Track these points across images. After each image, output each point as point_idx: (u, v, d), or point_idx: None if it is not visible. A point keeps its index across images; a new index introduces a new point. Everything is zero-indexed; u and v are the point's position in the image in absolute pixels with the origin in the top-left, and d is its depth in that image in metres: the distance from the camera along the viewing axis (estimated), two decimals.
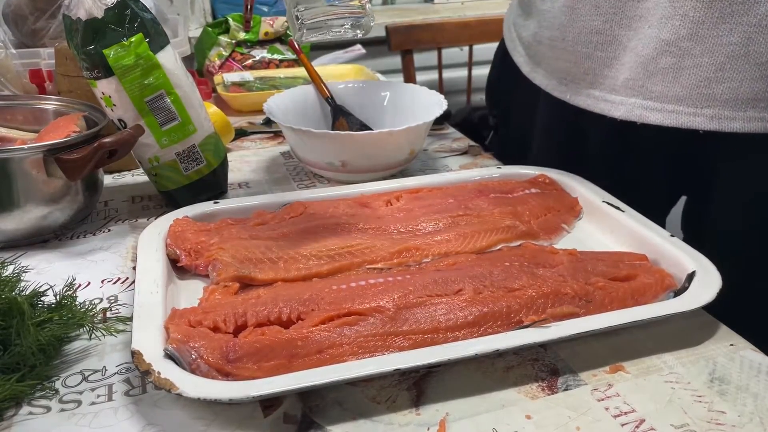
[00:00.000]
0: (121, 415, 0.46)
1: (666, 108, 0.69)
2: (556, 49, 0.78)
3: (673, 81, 0.68)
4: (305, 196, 0.72)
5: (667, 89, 0.68)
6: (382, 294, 0.53)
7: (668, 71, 0.67)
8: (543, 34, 0.80)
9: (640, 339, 0.53)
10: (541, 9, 0.80)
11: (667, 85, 0.68)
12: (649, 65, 0.68)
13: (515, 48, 0.90)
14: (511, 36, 0.92)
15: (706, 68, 0.65)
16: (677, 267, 0.58)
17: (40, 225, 0.67)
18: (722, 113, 0.66)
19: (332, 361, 0.48)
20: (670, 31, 0.66)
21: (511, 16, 0.94)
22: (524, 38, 0.86)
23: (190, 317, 0.51)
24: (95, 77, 0.68)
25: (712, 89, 0.66)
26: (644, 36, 0.68)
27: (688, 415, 0.45)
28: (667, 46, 0.67)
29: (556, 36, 0.77)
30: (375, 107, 0.94)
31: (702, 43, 0.65)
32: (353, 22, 0.67)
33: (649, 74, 0.69)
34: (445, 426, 0.45)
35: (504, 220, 0.67)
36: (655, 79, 0.69)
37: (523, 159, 0.87)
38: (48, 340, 0.49)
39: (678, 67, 0.67)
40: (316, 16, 0.65)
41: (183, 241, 0.62)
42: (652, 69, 0.68)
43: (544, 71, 0.82)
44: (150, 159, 0.72)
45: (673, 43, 0.66)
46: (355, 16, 0.67)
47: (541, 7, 0.80)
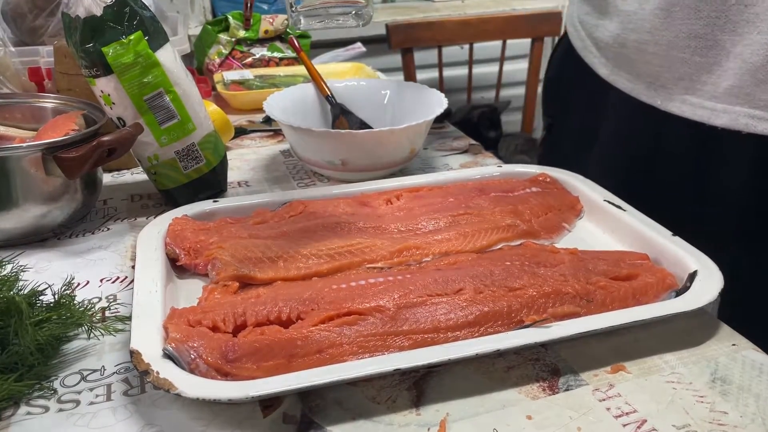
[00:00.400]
0: (120, 415, 0.46)
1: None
2: (645, 53, 0.73)
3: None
4: (305, 195, 0.72)
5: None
6: (383, 293, 0.53)
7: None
8: (628, 37, 0.75)
9: (642, 339, 0.53)
10: (624, 10, 0.75)
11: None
12: (758, 73, 0.64)
13: (586, 48, 0.85)
14: (580, 35, 0.87)
15: None
16: (679, 266, 0.58)
17: (39, 224, 0.67)
18: None
19: (332, 360, 0.47)
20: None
21: (576, 13, 0.88)
22: (600, 39, 0.81)
23: (190, 317, 0.50)
24: (94, 75, 0.68)
25: None
26: (752, 42, 0.64)
27: (689, 416, 0.45)
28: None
29: (645, 39, 0.72)
30: (375, 106, 0.93)
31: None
32: (354, 11, 0.66)
33: (757, 82, 0.65)
34: (446, 426, 0.44)
35: (505, 219, 0.67)
36: (764, 87, 0.65)
37: (581, 162, 0.82)
38: (46, 340, 0.49)
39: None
40: (312, 3, 0.64)
41: (182, 240, 0.62)
42: (761, 77, 0.64)
43: (628, 74, 0.78)
44: (149, 157, 0.72)
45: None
46: (355, 5, 0.65)
47: (623, 8, 0.75)
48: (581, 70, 0.85)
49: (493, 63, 2.10)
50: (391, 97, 0.94)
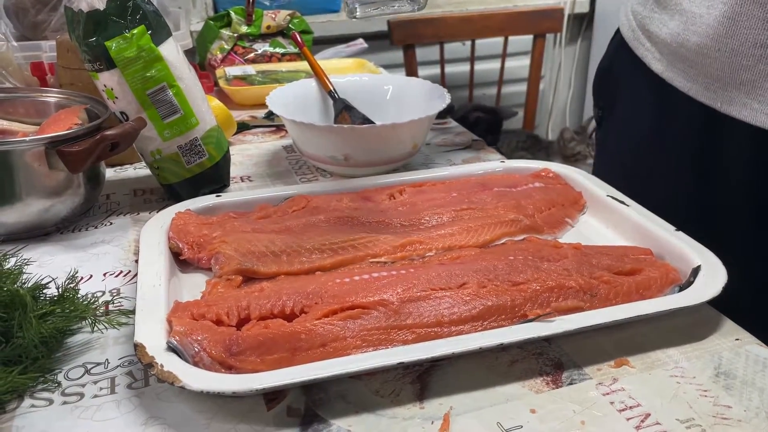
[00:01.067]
0: (124, 407, 0.46)
1: None
2: (707, 57, 0.71)
3: None
4: (308, 190, 0.72)
5: None
6: (386, 287, 0.53)
7: None
8: (689, 39, 0.72)
9: (645, 333, 0.53)
10: (688, 10, 0.72)
11: None
12: None
13: (638, 39, 0.82)
14: (631, 25, 0.83)
15: None
16: (682, 261, 0.58)
17: (42, 218, 0.67)
18: None
19: (336, 354, 0.47)
20: None
21: (630, 2, 0.85)
22: (656, 34, 0.78)
23: (193, 310, 0.50)
24: (97, 69, 0.68)
25: None
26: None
27: (693, 410, 0.45)
28: None
29: (707, 44, 0.70)
30: (378, 101, 0.93)
31: None
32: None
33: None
34: (449, 420, 0.44)
35: (508, 214, 0.67)
36: None
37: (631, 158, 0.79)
38: (50, 333, 0.49)
39: None
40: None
41: (185, 234, 0.62)
42: None
43: (686, 74, 0.75)
44: (152, 152, 0.72)
45: None
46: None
47: (689, 8, 0.72)
48: (634, 62, 0.82)
49: (494, 59, 2.10)
50: (393, 93, 0.93)
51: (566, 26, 2.36)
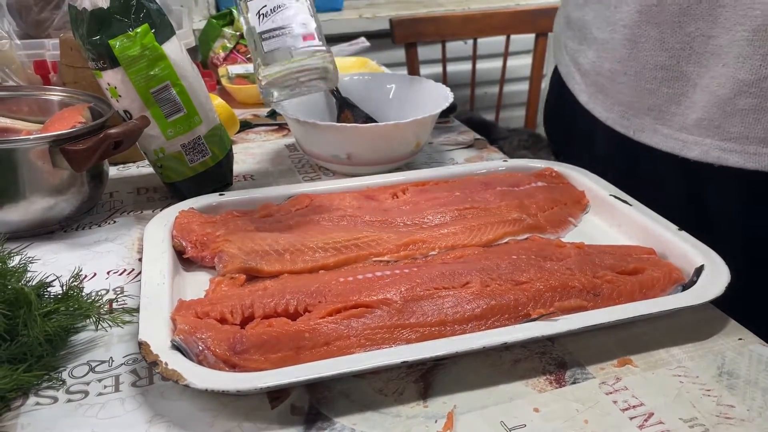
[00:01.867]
0: (128, 405, 0.46)
1: (747, 150, 0.64)
2: (617, 83, 0.73)
3: (755, 122, 0.63)
4: (311, 189, 0.72)
5: (747, 130, 0.63)
6: (390, 286, 0.53)
7: (748, 112, 0.63)
8: (603, 66, 0.75)
9: (648, 333, 0.53)
10: (599, 38, 0.74)
11: (747, 127, 0.63)
12: (725, 106, 0.64)
13: (570, 74, 0.85)
14: (565, 60, 0.86)
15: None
16: (685, 261, 0.58)
17: (46, 216, 0.67)
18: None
19: (339, 353, 0.48)
20: (749, 71, 0.61)
21: (562, 37, 0.88)
22: (581, 65, 0.81)
23: (197, 308, 0.51)
24: (101, 68, 0.68)
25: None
26: (718, 74, 0.64)
27: (696, 409, 0.45)
28: (746, 86, 0.62)
29: (616, 69, 0.72)
30: (380, 100, 0.93)
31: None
32: (321, 76, 0.68)
33: (726, 115, 0.64)
34: (453, 418, 0.45)
35: (511, 213, 0.67)
36: (733, 120, 0.64)
37: None
38: (55, 331, 0.49)
39: (759, 108, 0.62)
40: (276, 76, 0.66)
41: (189, 232, 0.62)
42: (729, 110, 0.64)
43: (604, 102, 0.77)
44: (155, 150, 0.72)
45: (753, 83, 0.62)
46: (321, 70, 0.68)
47: (598, 35, 0.74)
48: (572, 96, 0.85)
49: (496, 58, 2.09)
50: (396, 91, 0.93)
51: None
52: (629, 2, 0.69)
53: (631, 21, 0.69)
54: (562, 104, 0.90)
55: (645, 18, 0.67)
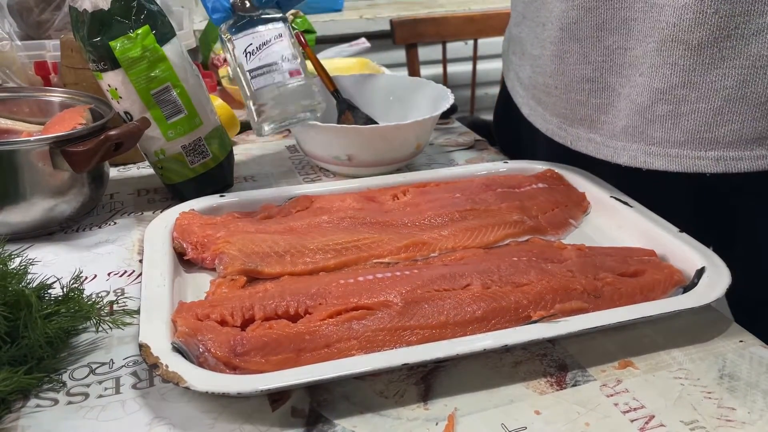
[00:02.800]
0: (129, 408, 0.46)
1: (669, 153, 0.67)
2: (551, 96, 0.76)
3: (673, 127, 0.66)
4: (311, 190, 0.72)
5: (667, 135, 0.66)
6: (390, 288, 0.53)
7: (666, 118, 0.66)
8: (538, 80, 0.78)
9: (649, 335, 0.53)
10: (532, 54, 0.78)
11: (667, 131, 0.66)
12: (645, 113, 0.67)
13: (513, 87, 0.87)
14: (510, 75, 0.89)
15: (704, 113, 0.64)
16: (686, 263, 0.58)
17: (47, 217, 0.67)
18: (727, 155, 0.64)
19: (340, 355, 0.48)
20: (662, 80, 0.64)
21: (508, 52, 0.91)
22: (522, 79, 0.84)
23: (198, 310, 0.50)
24: (101, 69, 0.68)
25: (713, 132, 0.64)
26: (637, 84, 0.66)
27: (697, 412, 0.45)
28: (661, 94, 0.65)
29: (549, 83, 0.75)
30: (381, 101, 0.93)
31: (696, 89, 0.63)
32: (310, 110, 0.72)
33: (647, 121, 0.67)
34: (454, 421, 0.44)
35: (511, 215, 0.67)
36: (654, 126, 0.67)
37: None
38: (55, 333, 0.49)
39: (675, 113, 0.65)
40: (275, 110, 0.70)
41: (189, 234, 0.62)
42: (649, 116, 0.67)
43: (543, 115, 0.80)
44: (156, 152, 0.72)
45: (667, 91, 0.64)
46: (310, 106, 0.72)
47: (532, 51, 0.78)
48: (516, 108, 0.87)
49: (497, 59, 2.09)
50: (397, 93, 0.93)
51: None
52: (553, 21, 0.71)
53: (557, 38, 0.71)
54: (508, 114, 0.93)
55: (567, 35, 0.70)
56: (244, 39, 0.69)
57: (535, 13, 0.75)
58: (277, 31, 0.70)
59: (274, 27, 0.70)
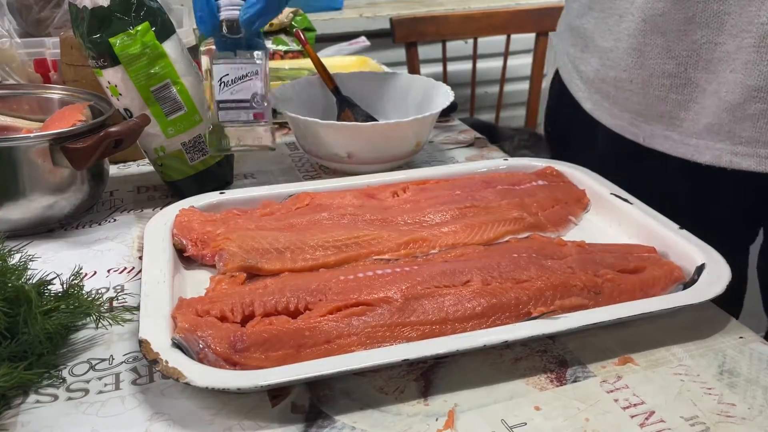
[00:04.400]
0: (129, 403, 0.46)
1: (759, 153, 0.65)
2: (624, 91, 0.73)
3: (766, 126, 0.63)
4: (312, 187, 0.72)
5: (758, 134, 0.64)
6: (390, 284, 0.53)
7: (759, 117, 0.63)
8: (607, 74, 0.75)
9: (649, 331, 0.53)
10: (602, 46, 0.74)
11: (758, 131, 0.64)
12: (736, 111, 0.64)
13: (573, 81, 0.84)
14: (567, 67, 0.86)
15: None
16: (686, 259, 0.58)
17: (46, 214, 0.67)
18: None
19: (340, 351, 0.48)
20: (758, 77, 0.62)
21: (563, 45, 0.87)
22: (584, 73, 0.81)
23: (198, 306, 0.50)
24: (101, 66, 0.68)
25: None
26: (726, 81, 0.64)
27: (697, 408, 0.45)
28: (756, 92, 0.63)
29: (622, 77, 0.72)
30: (380, 98, 0.93)
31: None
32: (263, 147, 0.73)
33: (736, 119, 0.65)
34: (454, 417, 0.44)
35: (511, 212, 0.67)
36: (744, 125, 0.65)
37: None
38: (55, 329, 0.49)
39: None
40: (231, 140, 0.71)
41: (189, 231, 0.62)
42: (740, 115, 0.64)
43: (611, 110, 0.77)
44: (156, 149, 0.72)
45: (763, 89, 0.62)
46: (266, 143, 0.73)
47: (602, 44, 0.74)
48: (574, 103, 0.85)
49: (497, 57, 2.09)
50: (397, 90, 0.93)
51: None
52: (634, 12, 0.69)
53: (636, 30, 0.69)
54: (562, 107, 0.90)
55: (650, 27, 0.67)
56: (222, 66, 0.68)
57: (607, 3, 0.72)
58: (254, 67, 0.69)
59: (254, 60, 0.69)
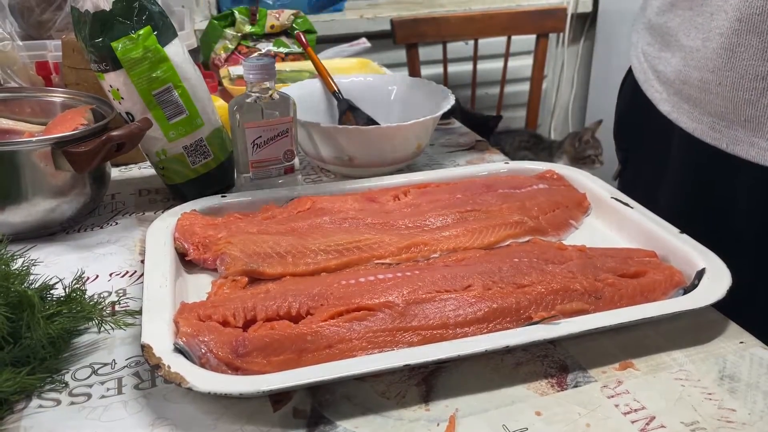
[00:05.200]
0: (131, 408, 0.46)
1: None
2: (709, 93, 0.70)
3: None
4: (313, 191, 0.72)
5: None
6: (392, 289, 0.53)
7: None
8: (691, 74, 0.71)
9: (650, 336, 0.53)
10: (687, 45, 0.71)
11: None
12: None
13: (648, 81, 0.81)
14: (642, 67, 0.83)
15: None
16: (687, 264, 0.58)
17: (48, 218, 0.67)
18: None
19: (342, 356, 0.48)
20: None
21: (640, 43, 0.84)
22: (663, 73, 0.77)
23: (200, 311, 0.51)
24: (103, 70, 0.68)
25: None
26: None
27: (698, 413, 0.45)
28: None
29: (709, 78, 0.69)
30: (382, 102, 0.93)
31: None
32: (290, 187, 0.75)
33: None
34: (455, 422, 0.45)
35: (512, 216, 0.67)
36: None
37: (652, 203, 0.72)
38: (57, 333, 0.49)
39: None
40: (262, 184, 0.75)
41: (191, 234, 0.62)
42: None
43: (691, 113, 0.73)
44: (157, 152, 0.72)
45: None
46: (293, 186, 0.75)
47: (687, 43, 0.71)
48: (647, 104, 0.82)
49: (497, 59, 2.09)
50: (398, 93, 0.94)
51: (569, 26, 2.36)
52: (728, 10, 0.65)
53: (730, 29, 0.65)
54: (635, 109, 0.87)
55: (746, 26, 0.64)
56: (253, 130, 0.72)
57: (696, 0, 0.69)
58: (284, 126, 0.73)
59: (285, 120, 0.73)
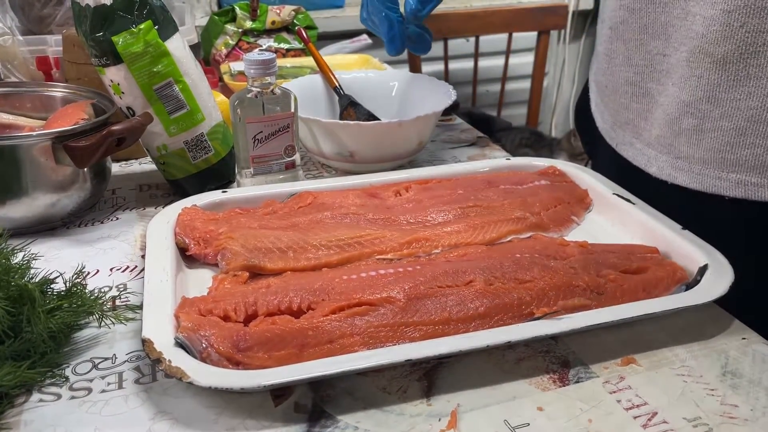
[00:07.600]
0: (132, 402, 0.46)
1: (693, 169, 0.65)
2: (605, 96, 0.75)
3: (697, 143, 0.64)
4: (315, 186, 0.72)
5: (692, 150, 0.65)
6: (393, 284, 0.53)
7: (691, 132, 0.64)
8: (597, 77, 0.77)
9: (652, 332, 0.53)
10: (597, 50, 0.77)
11: (692, 146, 0.65)
12: (674, 124, 0.65)
13: (590, 81, 0.86)
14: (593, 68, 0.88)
15: (727, 132, 0.61)
16: (689, 260, 0.58)
17: (49, 212, 0.67)
18: (749, 179, 0.62)
19: (343, 351, 0.48)
20: (689, 92, 0.62)
21: None
22: (593, 74, 0.83)
23: (201, 306, 0.50)
24: (104, 64, 0.68)
25: (736, 154, 0.61)
26: (669, 93, 0.65)
27: (700, 409, 0.45)
28: (687, 107, 0.63)
29: (601, 81, 0.74)
30: (383, 97, 0.93)
31: (720, 106, 0.61)
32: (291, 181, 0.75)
33: (675, 133, 0.65)
34: (456, 417, 0.44)
35: (514, 212, 0.67)
36: (680, 139, 0.65)
37: None
38: (58, 328, 0.49)
39: (699, 129, 0.63)
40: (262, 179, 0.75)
41: (192, 230, 0.62)
42: (676, 129, 0.65)
43: (602, 116, 0.79)
44: (158, 147, 0.72)
45: (692, 104, 0.63)
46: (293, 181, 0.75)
47: (597, 47, 0.77)
48: None
49: (498, 56, 2.09)
50: (399, 89, 0.93)
51: (570, 23, 2.36)
52: (605, 19, 0.71)
53: (607, 36, 0.71)
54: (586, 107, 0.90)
55: (615, 34, 0.69)
56: (255, 125, 0.71)
57: (601, 8, 0.75)
58: (285, 121, 0.72)
59: (286, 114, 0.72)
